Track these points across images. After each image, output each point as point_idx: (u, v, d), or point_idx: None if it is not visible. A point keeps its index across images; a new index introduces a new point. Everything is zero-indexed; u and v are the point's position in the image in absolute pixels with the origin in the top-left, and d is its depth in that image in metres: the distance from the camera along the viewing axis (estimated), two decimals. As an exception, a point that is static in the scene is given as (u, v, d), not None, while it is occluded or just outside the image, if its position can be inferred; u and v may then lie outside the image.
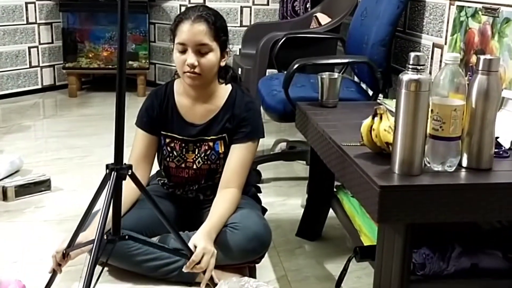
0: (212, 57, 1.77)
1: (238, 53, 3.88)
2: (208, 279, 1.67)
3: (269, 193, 2.54)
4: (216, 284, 1.68)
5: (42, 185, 2.57)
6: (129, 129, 1.57)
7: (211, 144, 1.87)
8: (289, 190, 2.68)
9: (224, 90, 1.89)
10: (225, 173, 1.85)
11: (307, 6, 4.18)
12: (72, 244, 1.63)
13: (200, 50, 1.75)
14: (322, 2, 3.78)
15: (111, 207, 1.53)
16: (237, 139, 1.85)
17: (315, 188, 2.14)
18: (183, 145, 1.89)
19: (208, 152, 1.87)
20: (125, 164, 1.55)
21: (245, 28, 4.07)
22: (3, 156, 2.81)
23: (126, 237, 1.60)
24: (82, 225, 1.62)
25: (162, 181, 2.00)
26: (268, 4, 4.60)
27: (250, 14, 4.57)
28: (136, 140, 1.91)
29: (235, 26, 4.51)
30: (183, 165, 1.90)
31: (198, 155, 1.88)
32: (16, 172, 2.75)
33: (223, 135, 1.87)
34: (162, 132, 1.90)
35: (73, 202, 2.49)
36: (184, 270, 1.65)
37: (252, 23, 4.45)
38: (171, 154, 1.90)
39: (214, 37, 1.76)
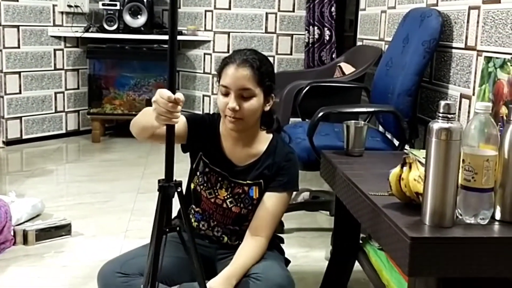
0: (254, 103, 1.75)
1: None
2: None
3: (291, 244, 2.48)
4: None
5: (63, 230, 2.56)
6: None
7: (246, 188, 1.84)
8: (312, 241, 2.62)
9: (265, 137, 1.87)
10: (255, 220, 1.81)
11: (333, 56, 4.22)
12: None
13: (243, 94, 1.74)
14: (346, 52, 3.81)
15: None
16: (272, 187, 1.82)
17: (340, 240, 2.08)
18: (220, 179, 1.85)
19: (242, 196, 1.84)
20: (175, 180, 1.52)
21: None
22: (25, 200, 2.81)
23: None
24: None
25: (190, 208, 1.94)
26: (291, 54, 4.65)
27: (274, 63, 4.62)
28: None
29: (258, 75, 4.55)
30: (212, 200, 1.86)
31: (231, 195, 1.84)
32: (37, 216, 2.74)
33: (260, 181, 1.84)
34: (203, 158, 1.87)
35: (92, 248, 2.46)
36: None
37: (276, 71, 4.48)
38: (205, 184, 1.86)
39: (258, 82, 1.75)
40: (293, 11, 4.63)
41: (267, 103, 1.81)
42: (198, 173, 1.88)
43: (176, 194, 1.52)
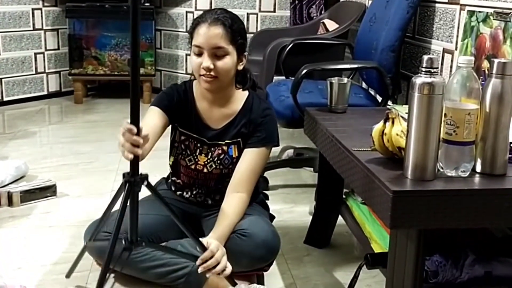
0: (228, 61, 1.75)
1: (244, 60, 3.87)
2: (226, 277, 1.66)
3: (276, 200, 2.51)
4: (235, 283, 1.69)
5: (48, 191, 2.56)
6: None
7: (225, 148, 1.85)
8: (296, 197, 2.65)
9: (241, 95, 1.87)
10: (235, 177, 1.82)
11: (322, 12, 4.16)
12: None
13: (216, 53, 1.73)
14: (329, 9, 3.78)
15: (128, 214, 1.54)
16: (250, 143, 1.83)
17: (324, 195, 2.11)
18: (198, 145, 1.86)
19: (221, 157, 1.85)
20: (141, 174, 1.54)
21: (252, 34, 4.06)
22: (9, 162, 2.79)
23: (143, 243, 1.58)
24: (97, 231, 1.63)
25: (171, 180, 1.96)
26: (274, 11, 4.59)
27: (257, 21, 4.56)
28: (147, 117, 1.82)
29: (242, 33, 4.49)
30: (192, 166, 1.87)
31: (211, 159, 1.86)
32: (21, 177, 2.73)
33: (238, 139, 1.85)
34: (179, 128, 1.88)
35: (78, 208, 2.47)
36: (197, 263, 1.63)
37: (259, 29, 4.44)
38: (184, 152, 1.88)
39: (231, 40, 1.74)
40: (276, -33, 4.55)
41: (240, 62, 1.81)
42: (176, 144, 1.89)
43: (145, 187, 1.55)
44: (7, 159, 2.94)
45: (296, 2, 4.30)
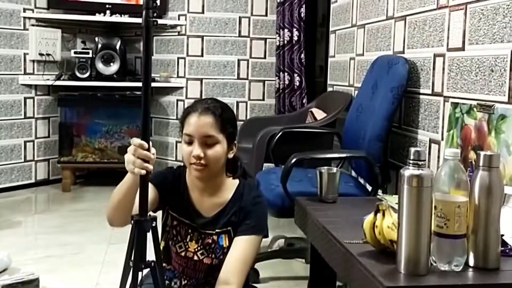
0: (218, 149, 1.76)
1: (234, 148, 3.91)
2: None
3: (267, 293, 2.44)
4: None
5: (30, 285, 2.47)
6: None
7: (215, 238, 1.82)
8: (288, 290, 2.58)
9: (231, 184, 1.86)
10: (225, 267, 1.77)
11: (304, 101, 4.27)
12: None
13: (207, 142, 1.75)
14: (317, 98, 3.87)
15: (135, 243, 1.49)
16: (240, 231, 1.80)
17: (316, 288, 2.06)
18: (189, 231, 1.83)
19: (212, 246, 1.82)
20: (149, 215, 1.52)
21: (241, 122, 4.12)
22: (-8, 254, 2.72)
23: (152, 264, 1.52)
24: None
25: None
26: (263, 99, 4.70)
27: (246, 108, 4.65)
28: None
29: (231, 121, 4.57)
30: (183, 254, 1.83)
31: (202, 247, 1.82)
32: (3, 270, 2.66)
33: (228, 228, 1.82)
34: (171, 213, 1.85)
35: (61, 303, 2.39)
36: None
37: (248, 117, 4.52)
38: (175, 238, 1.84)
39: (221, 129, 1.76)
40: (264, 57, 4.70)
41: (230, 151, 1.82)
42: (167, 228, 1.86)
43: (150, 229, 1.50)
44: (-10, 251, 2.86)
45: (280, 91, 4.43)
